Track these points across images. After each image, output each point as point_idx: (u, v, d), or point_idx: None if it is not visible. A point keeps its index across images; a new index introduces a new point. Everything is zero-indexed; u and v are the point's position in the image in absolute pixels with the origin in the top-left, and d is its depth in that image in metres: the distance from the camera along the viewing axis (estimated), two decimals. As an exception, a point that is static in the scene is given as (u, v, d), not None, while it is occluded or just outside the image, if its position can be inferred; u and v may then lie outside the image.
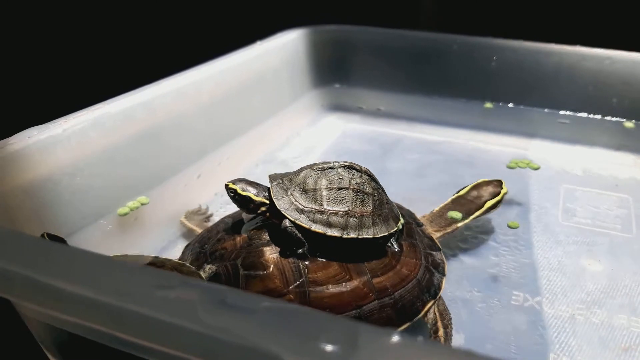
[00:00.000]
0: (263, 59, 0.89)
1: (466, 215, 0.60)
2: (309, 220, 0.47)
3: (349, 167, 0.50)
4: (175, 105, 0.70)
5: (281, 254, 0.47)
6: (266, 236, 0.49)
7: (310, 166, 0.50)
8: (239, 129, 0.83)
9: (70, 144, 0.57)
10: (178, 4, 1.22)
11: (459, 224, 0.59)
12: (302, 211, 0.47)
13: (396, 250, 0.50)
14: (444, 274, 0.52)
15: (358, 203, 0.48)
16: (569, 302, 0.53)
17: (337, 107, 1.02)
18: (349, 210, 0.47)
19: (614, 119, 0.90)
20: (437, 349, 0.25)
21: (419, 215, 0.60)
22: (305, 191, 0.48)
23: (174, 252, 0.61)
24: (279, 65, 0.93)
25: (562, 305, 0.53)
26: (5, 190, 0.50)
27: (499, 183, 0.63)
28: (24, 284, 0.31)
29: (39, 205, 0.53)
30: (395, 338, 0.25)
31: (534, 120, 0.92)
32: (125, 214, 0.62)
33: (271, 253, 0.48)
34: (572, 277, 0.57)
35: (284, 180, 0.49)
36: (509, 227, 0.65)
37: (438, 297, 0.50)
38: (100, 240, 0.58)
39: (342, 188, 0.48)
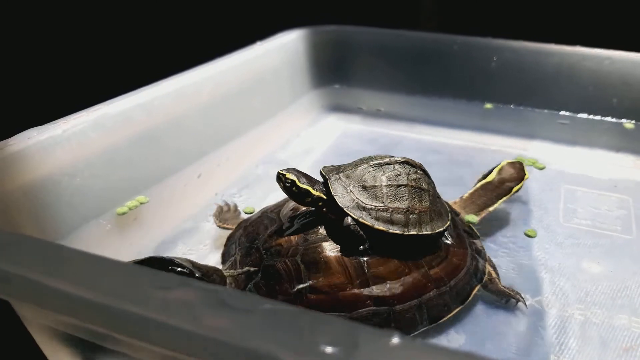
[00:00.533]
0: (263, 59, 0.89)
1: (496, 199, 0.62)
2: (372, 218, 0.47)
3: (406, 162, 0.50)
4: (175, 105, 0.70)
5: (342, 251, 0.48)
6: (322, 231, 0.50)
7: (365, 161, 0.50)
8: (239, 130, 0.83)
9: (70, 144, 0.57)
10: (178, 4, 1.22)
11: (490, 209, 0.62)
12: (364, 209, 0.47)
13: (449, 242, 0.53)
14: (485, 260, 0.55)
15: (416, 199, 0.49)
16: (569, 302, 0.53)
17: (337, 108, 1.02)
18: (409, 207, 0.48)
19: (614, 119, 0.89)
20: (437, 350, 0.25)
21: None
22: (365, 188, 0.48)
23: (174, 252, 0.61)
24: (278, 65, 0.93)
25: (562, 305, 0.53)
26: (4, 191, 0.50)
27: (521, 166, 0.66)
28: (22, 285, 0.31)
29: (38, 206, 0.53)
30: (395, 340, 0.25)
31: (534, 121, 0.92)
32: (124, 213, 0.62)
33: (331, 249, 0.48)
34: (572, 277, 0.57)
35: (340, 175, 0.49)
36: (527, 235, 0.64)
37: (484, 281, 0.53)
38: (99, 240, 0.58)
39: (400, 185, 0.49)
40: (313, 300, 0.47)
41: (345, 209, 0.47)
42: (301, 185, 0.48)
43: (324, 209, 0.50)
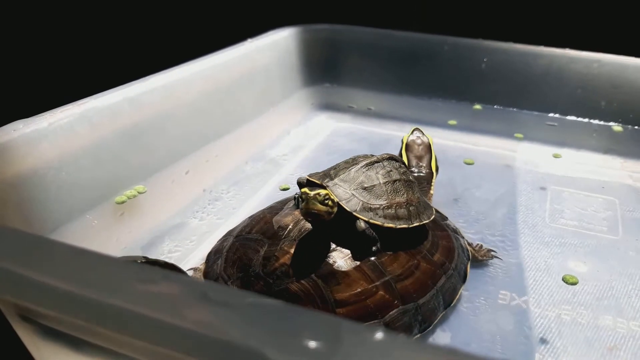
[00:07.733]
0: (254, 56, 0.88)
1: (427, 178, 0.64)
2: (380, 217, 0.46)
3: (391, 158, 0.51)
4: (164, 101, 0.70)
5: (354, 257, 0.46)
6: (325, 242, 0.47)
7: (354, 163, 0.49)
8: (229, 127, 0.82)
9: (56, 138, 0.56)
10: (170, 1, 1.21)
11: (432, 181, 0.63)
12: (370, 209, 0.46)
13: (431, 227, 0.53)
14: (462, 237, 0.57)
15: (410, 192, 0.50)
16: (555, 302, 0.54)
17: (328, 106, 1.02)
18: (407, 200, 0.49)
19: (602, 122, 0.90)
20: (420, 346, 0.25)
21: None
22: (365, 189, 0.47)
23: (161, 248, 0.61)
24: (269, 63, 0.93)
25: (548, 305, 0.53)
26: (-11, 184, 0.49)
27: (419, 131, 0.69)
28: (4, 278, 0.30)
29: (23, 200, 0.53)
30: (379, 335, 0.24)
31: (523, 122, 0.93)
32: (123, 202, 0.62)
33: (343, 257, 0.46)
34: (558, 277, 0.57)
35: (336, 181, 0.47)
36: (565, 281, 0.57)
37: (470, 259, 0.55)
38: (85, 234, 0.58)
39: (395, 180, 0.49)
40: (343, 314, 0.44)
41: (354, 213, 0.45)
42: (335, 198, 0.45)
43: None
